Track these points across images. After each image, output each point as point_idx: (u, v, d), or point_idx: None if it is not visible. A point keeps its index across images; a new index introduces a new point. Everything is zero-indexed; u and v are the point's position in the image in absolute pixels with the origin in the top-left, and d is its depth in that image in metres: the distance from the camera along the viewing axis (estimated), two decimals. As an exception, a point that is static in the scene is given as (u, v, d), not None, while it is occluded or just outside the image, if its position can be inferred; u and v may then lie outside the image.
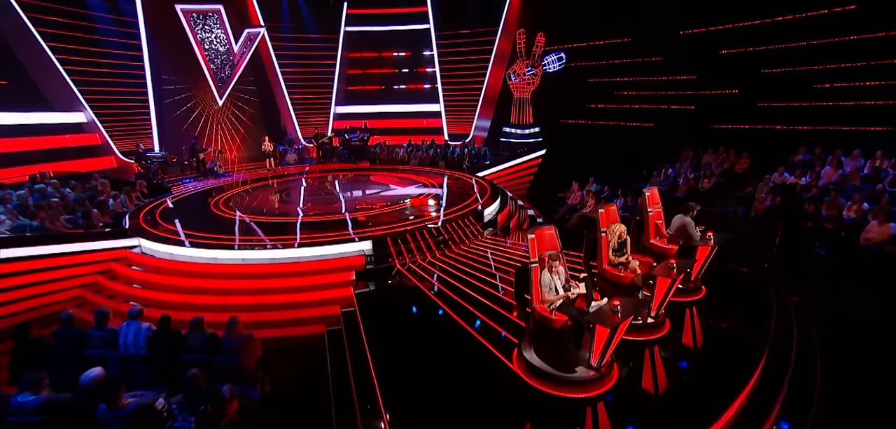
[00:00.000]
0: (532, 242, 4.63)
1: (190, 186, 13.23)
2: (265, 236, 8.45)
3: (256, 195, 12.00)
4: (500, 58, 18.40)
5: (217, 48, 16.55)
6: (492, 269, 7.24)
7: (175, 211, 10.21)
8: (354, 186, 13.47)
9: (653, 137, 14.24)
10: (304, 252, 7.61)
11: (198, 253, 7.51)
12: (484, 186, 12.31)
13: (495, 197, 10.94)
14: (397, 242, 8.08)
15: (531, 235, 4.66)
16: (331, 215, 9.80)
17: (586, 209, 11.14)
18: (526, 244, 5.03)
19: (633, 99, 15.06)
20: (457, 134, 19.41)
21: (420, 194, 11.70)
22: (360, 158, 16.77)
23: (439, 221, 8.96)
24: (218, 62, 16.64)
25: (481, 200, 10.80)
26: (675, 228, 6.17)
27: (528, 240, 4.62)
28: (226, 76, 16.91)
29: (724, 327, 5.35)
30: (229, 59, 16.91)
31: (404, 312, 6.13)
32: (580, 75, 16.24)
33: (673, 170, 12.49)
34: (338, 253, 7.65)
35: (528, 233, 4.66)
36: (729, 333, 5.25)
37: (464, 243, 8.66)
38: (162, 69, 15.48)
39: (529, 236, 4.64)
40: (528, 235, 4.64)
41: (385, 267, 7.59)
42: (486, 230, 9.59)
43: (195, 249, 7.55)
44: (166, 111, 15.74)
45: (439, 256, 7.99)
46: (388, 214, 9.78)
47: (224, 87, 16.96)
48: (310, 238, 8.12)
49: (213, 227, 8.85)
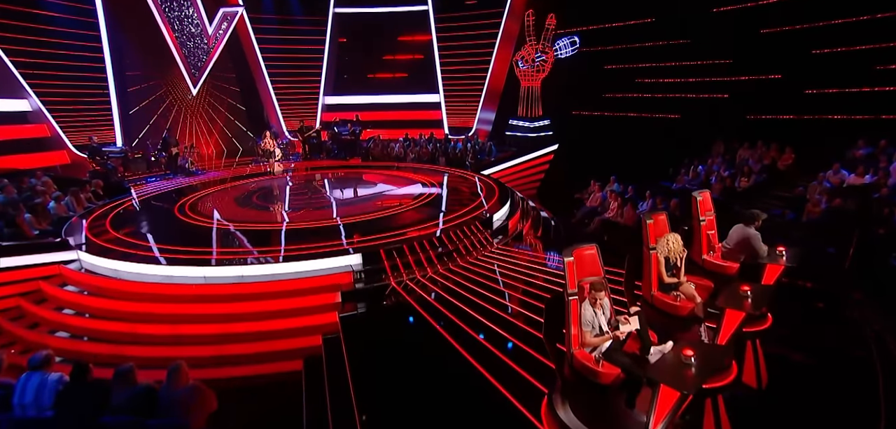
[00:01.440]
0: (569, 267, 3.70)
1: (153, 185, 12.41)
2: (249, 247, 7.56)
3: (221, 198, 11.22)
4: (506, 42, 17.71)
5: (189, 30, 15.76)
6: (511, 291, 6.35)
7: (132, 216, 9.39)
8: (345, 185, 12.80)
9: (678, 129, 13.53)
10: (278, 268, 6.70)
11: (152, 270, 6.57)
12: (491, 187, 11.55)
13: (505, 199, 10.15)
14: (393, 254, 7.22)
15: (568, 256, 3.72)
16: (316, 220, 8.97)
17: (609, 213, 10.29)
18: (559, 262, 4.11)
19: (656, 87, 14.30)
20: (458, 127, 18.76)
21: (420, 196, 10.88)
22: (351, 154, 16.11)
23: (437, 230, 8.02)
24: (191, 46, 15.89)
25: (489, 203, 10.00)
26: (734, 242, 5.24)
27: (565, 264, 3.69)
28: (200, 62, 16.21)
29: (799, 361, 4.47)
30: (203, 43, 16.19)
31: (400, 343, 5.31)
32: (596, 62, 15.55)
33: (703, 167, 11.67)
34: (321, 269, 6.77)
35: (565, 255, 3.73)
36: (805, 368, 4.34)
37: (471, 255, 7.78)
38: (125, 53, 14.73)
39: (566, 259, 3.70)
40: (565, 258, 3.70)
41: (378, 285, 6.73)
42: (496, 238, 8.71)
43: (148, 266, 6.60)
44: (131, 101, 15.01)
45: (442, 271, 7.14)
46: (383, 218, 9.01)
47: (198, 74, 16.22)
48: (289, 250, 7.29)
49: (176, 237, 8.03)
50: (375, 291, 6.67)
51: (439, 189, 11.59)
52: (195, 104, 16.90)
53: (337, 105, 19.39)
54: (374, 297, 6.60)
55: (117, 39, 14.26)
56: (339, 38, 19.46)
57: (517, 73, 16.92)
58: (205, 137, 17.26)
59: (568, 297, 3.69)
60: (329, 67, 19.27)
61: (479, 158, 15.15)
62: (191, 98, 16.53)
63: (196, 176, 13.58)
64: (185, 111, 16.71)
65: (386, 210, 9.72)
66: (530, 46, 16.39)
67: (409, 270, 7.09)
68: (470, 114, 18.77)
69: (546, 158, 15.83)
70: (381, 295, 6.59)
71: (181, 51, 15.67)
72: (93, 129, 13.51)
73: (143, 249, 7.23)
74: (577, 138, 15.58)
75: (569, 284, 3.71)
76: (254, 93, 18.58)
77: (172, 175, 13.46)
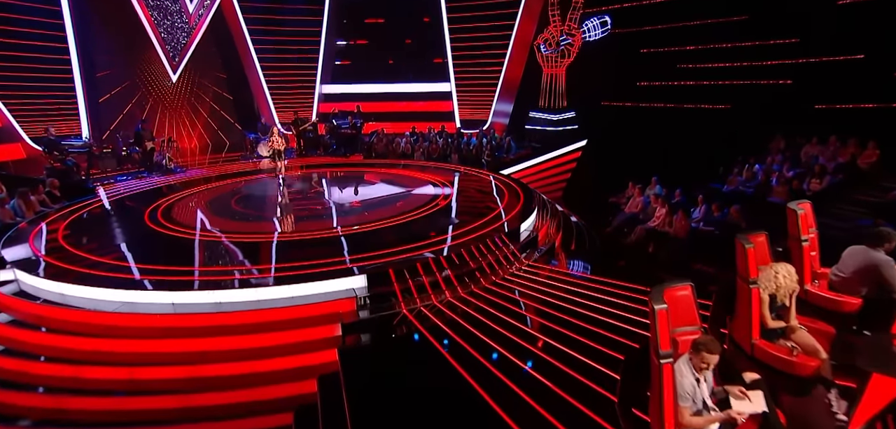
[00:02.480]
0: (661, 317, 2.84)
1: (123, 185, 11.79)
2: (232, 264, 6.80)
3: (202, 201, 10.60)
4: (526, 24, 17.02)
5: (166, 6, 15.42)
6: (550, 323, 5.54)
7: (91, 224, 8.72)
8: (345, 186, 12.31)
9: (729, 122, 12.74)
10: (265, 293, 5.94)
11: (109, 296, 5.80)
12: (515, 190, 10.81)
13: (531, 205, 9.37)
14: (404, 274, 6.44)
15: (659, 303, 2.86)
16: (313, 231, 8.29)
17: (654, 221, 9.46)
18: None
19: (701, 74, 13.49)
20: (471, 120, 18.32)
21: (433, 200, 10.18)
22: (352, 151, 15.69)
23: (446, 247, 7.27)
24: (168, 25, 15.60)
25: (514, 209, 9.22)
26: (852, 269, 4.35)
27: (656, 314, 2.83)
28: (180, 45, 16.02)
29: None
30: (183, 23, 15.92)
31: (412, 387, 4.63)
32: (630, 44, 14.82)
33: (761, 166, 10.82)
34: (318, 295, 6.00)
35: (654, 300, 2.87)
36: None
37: (496, 275, 7.00)
38: (93, 32, 14.35)
39: (657, 307, 2.84)
40: (655, 305, 2.85)
41: (386, 313, 5.98)
42: (523, 253, 7.90)
43: (104, 290, 5.82)
44: (101, 89, 14.64)
45: (463, 294, 6.39)
46: (391, 228, 8.30)
47: (178, 59, 16.03)
48: (281, 269, 6.57)
49: (144, 251, 7.33)
50: (382, 321, 5.90)
51: (455, 192, 10.94)
52: (175, 93, 16.51)
53: (336, 95, 19.07)
54: (382, 328, 5.84)
55: (83, 17, 13.80)
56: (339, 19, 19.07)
57: (539, 58, 16.30)
58: (186, 129, 16.97)
59: (660, 359, 2.83)
60: (327, 52, 18.99)
61: (496, 155, 14.55)
62: (170, 85, 16.16)
63: (175, 174, 13.05)
64: (163, 100, 16.32)
65: (395, 218, 8.99)
66: (554, 27, 15.74)
67: (423, 293, 6.33)
68: (484, 105, 18.26)
69: (573, 155, 15.14)
70: (389, 325, 5.83)
71: (157, 31, 15.28)
72: (54, 119, 13.01)
73: (102, 268, 6.45)
74: (606, 133, 14.91)
75: (660, 341, 2.85)
76: (242, 80, 18.23)
77: (147, 173, 12.95)
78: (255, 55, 17.91)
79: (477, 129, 17.12)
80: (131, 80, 15.52)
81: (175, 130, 16.44)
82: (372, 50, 19.35)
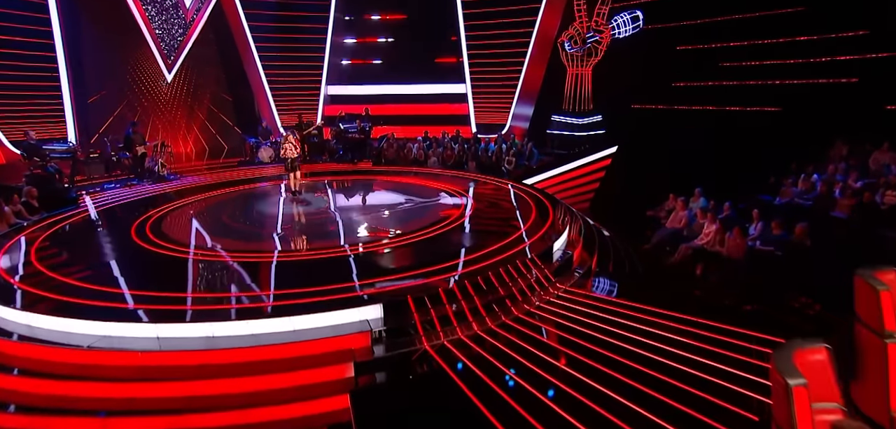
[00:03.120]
0: (800, 399, 2.22)
1: (112, 194, 11.57)
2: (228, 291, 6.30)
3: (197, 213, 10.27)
4: (549, 19, 16.57)
5: (162, 2, 15.41)
6: (603, 365, 4.95)
7: (70, 239, 8.45)
8: (354, 195, 12.12)
9: (779, 126, 12.28)
10: (264, 326, 5.40)
11: (83, 328, 5.27)
12: (542, 203, 10.34)
13: (563, 222, 8.86)
14: (424, 303, 5.91)
15: (795, 378, 2.24)
16: (317, 250, 7.89)
17: (702, 239, 8.80)
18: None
19: (748, 73, 13.05)
20: (488, 124, 18.01)
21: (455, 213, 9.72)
22: (360, 157, 15.41)
23: (455, 275, 6.64)
24: (163, 21, 15.50)
25: (542, 226, 8.70)
26: None
27: (792, 393, 2.22)
28: (176, 42, 15.91)
29: None
30: (180, 18, 15.82)
31: None
32: (665, 41, 14.39)
33: (820, 176, 10.30)
34: (326, 328, 5.47)
35: (786, 373, 2.25)
36: None
37: (530, 303, 6.44)
38: (82, 28, 14.25)
39: (793, 383, 2.22)
40: (790, 381, 2.23)
41: (406, 350, 5.46)
42: (557, 276, 7.34)
43: (78, 322, 5.30)
44: (90, 89, 14.49)
45: (492, 326, 5.87)
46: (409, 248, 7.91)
47: (174, 57, 15.92)
48: (280, 296, 6.09)
49: (128, 273, 6.86)
50: (401, 360, 5.38)
51: (475, 204, 10.55)
52: (170, 93, 16.42)
53: (342, 96, 18.99)
54: (400, 367, 5.33)
55: (70, 9, 13.69)
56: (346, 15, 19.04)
57: (562, 57, 15.85)
58: (181, 132, 16.87)
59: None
60: (333, 51, 18.87)
61: (518, 163, 14.14)
62: (164, 85, 16.10)
63: (168, 182, 12.82)
64: (157, 101, 16.20)
65: (414, 234, 8.51)
66: (580, 23, 15.24)
67: (447, 326, 5.80)
68: (503, 108, 17.95)
69: (602, 163, 14.68)
70: (409, 364, 5.34)
71: (152, 27, 15.18)
72: (37, 121, 12.76)
73: (75, 294, 5.98)
74: (637, 139, 14.49)
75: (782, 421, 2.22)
76: (242, 80, 18.14)
77: (137, 181, 12.69)
78: (256, 53, 17.85)
79: (495, 133, 16.76)
80: (123, 79, 15.37)
81: (169, 134, 16.29)
82: (382, 49, 19.20)
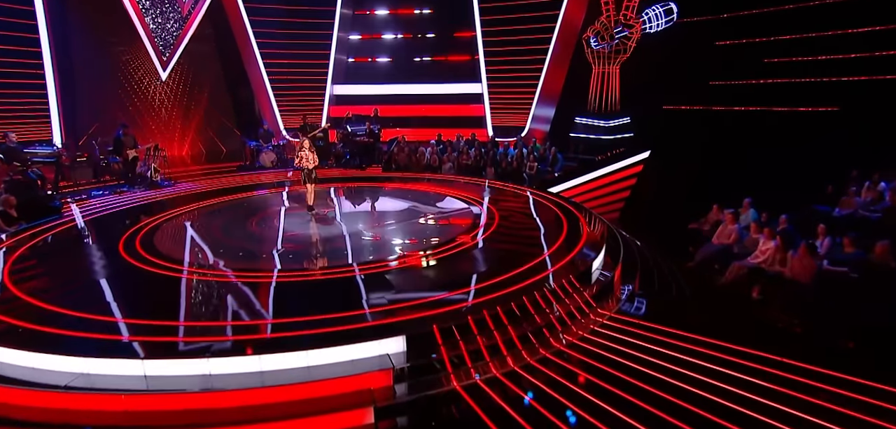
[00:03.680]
0: None
1: (99, 202, 11.31)
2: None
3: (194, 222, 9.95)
4: (573, 13, 16.41)
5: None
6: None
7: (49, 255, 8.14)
8: (365, 205, 11.90)
9: (836, 128, 11.93)
10: (268, 363, 4.87)
11: (59, 365, 4.75)
12: (572, 214, 9.89)
13: (600, 237, 8.35)
14: (451, 334, 5.36)
15: None
16: (323, 270, 7.51)
17: (758, 257, 8.21)
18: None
19: (798, 69, 12.71)
20: (506, 126, 18.06)
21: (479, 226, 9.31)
22: (368, 162, 15.34)
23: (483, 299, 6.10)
24: (156, 15, 15.52)
25: (577, 241, 8.19)
26: None
27: None
28: (172, 38, 16.01)
29: None
30: (176, 12, 15.86)
31: None
32: (701, 36, 14.32)
33: (888, 184, 9.85)
34: (340, 364, 4.94)
35: None
36: None
37: (570, 333, 5.91)
38: (69, 21, 14.26)
39: None
40: None
41: (433, 392, 4.92)
42: (598, 301, 6.78)
43: (53, 358, 4.78)
44: (79, 86, 14.49)
45: (531, 360, 5.34)
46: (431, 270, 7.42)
47: (169, 54, 16.02)
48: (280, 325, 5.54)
49: (115, 297, 6.42)
50: (428, 404, 4.84)
51: (502, 215, 10.08)
52: (164, 92, 16.43)
53: (349, 97, 19.21)
54: (427, 412, 4.80)
55: (57, 1, 13.72)
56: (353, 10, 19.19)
57: (588, 54, 15.64)
58: (177, 135, 16.95)
59: None
60: (339, 48, 18.98)
61: (540, 169, 13.85)
62: (159, 84, 16.13)
63: (162, 188, 12.63)
64: (150, 101, 16.21)
65: (433, 251, 8.07)
66: (607, 17, 14.99)
67: (478, 361, 5.26)
68: (522, 109, 17.91)
69: (632, 170, 14.36)
70: (436, 408, 4.82)
71: (145, 21, 15.13)
72: (19, 122, 12.63)
73: (51, 322, 5.48)
74: (669, 143, 14.26)
75: None
76: (242, 79, 18.25)
77: (128, 187, 12.49)
78: (257, 50, 17.85)
79: (512, 137, 16.61)
80: (114, 77, 15.32)
81: (162, 136, 16.22)
82: (392, 45, 19.32)
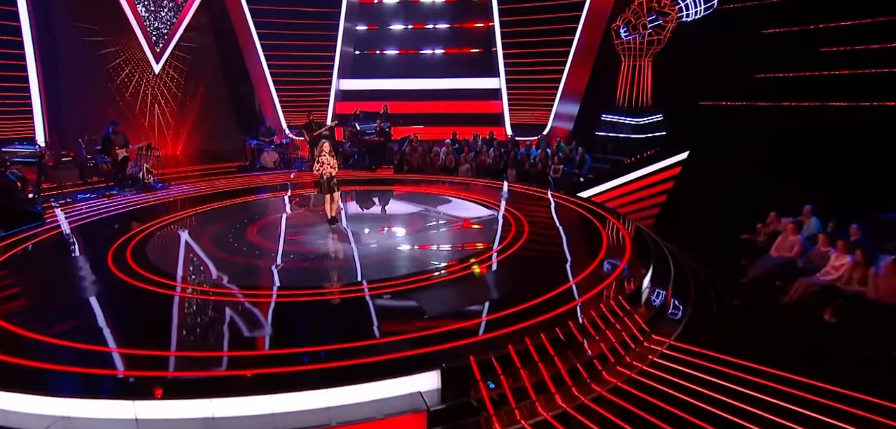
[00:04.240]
0: None
1: (85, 207, 11.05)
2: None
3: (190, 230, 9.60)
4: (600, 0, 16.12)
5: None
6: None
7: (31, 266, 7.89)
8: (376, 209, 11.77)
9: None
10: (277, 403, 4.35)
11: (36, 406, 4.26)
12: (610, 224, 9.55)
13: (645, 252, 7.86)
14: (490, 367, 4.88)
15: None
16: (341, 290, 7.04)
17: (831, 274, 7.55)
18: None
19: (858, 59, 12.17)
20: (526, 124, 17.97)
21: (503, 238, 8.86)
22: (379, 162, 15.10)
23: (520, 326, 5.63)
24: (149, 3, 15.62)
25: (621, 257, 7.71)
26: None
27: None
28: (166, 29, 16.02)
29: None
30: (170, 1, 16.01)
31: None
32: (746, 24, 13.83)
33: None
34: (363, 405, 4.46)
35: None
36: None
37: (623, 364, 5.41)
38: (54, 11, 14.22)
39: None
40: None
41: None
42: (652, 326, 6.24)
43: (30, 399, 4.27)
44: (65, 81, 14.40)
45: (585, 400, 4.84)
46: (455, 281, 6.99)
47: (163, 45, 16.04)
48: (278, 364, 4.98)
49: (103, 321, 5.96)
50: None
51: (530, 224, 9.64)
52: (157, 87, 16.39)
53: (356, 92, 19.09)
54: None
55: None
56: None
57: (617, 45, 15.30)
58: (171, 133, 16.87)
59: None
60: (346, 41, 18.96)
61: (566, 171, 13.49)
62: (151, 77, 16.11)
63: (155, 191, 12.38)
64: (142, 96, 16.13)
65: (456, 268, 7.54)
66: (639, 5, 14.65)
67: (523, 399, 4.77)
68: (543, 106, 17.70)
69: (669, 172, 13.87)
70: None
71: (137, 9, 15.17)
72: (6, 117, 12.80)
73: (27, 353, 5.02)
74: (708, 142, 13.85)
75: None
76: (242, 73, 18.30)
77: (118, 190, 12.23)
78: (258, 42, 17.86)
79: (535, 136, 16.36)
80: (103, 70, 15.21)
81: (155, 134, 16.29)
82: (402, 37, 19.30)
